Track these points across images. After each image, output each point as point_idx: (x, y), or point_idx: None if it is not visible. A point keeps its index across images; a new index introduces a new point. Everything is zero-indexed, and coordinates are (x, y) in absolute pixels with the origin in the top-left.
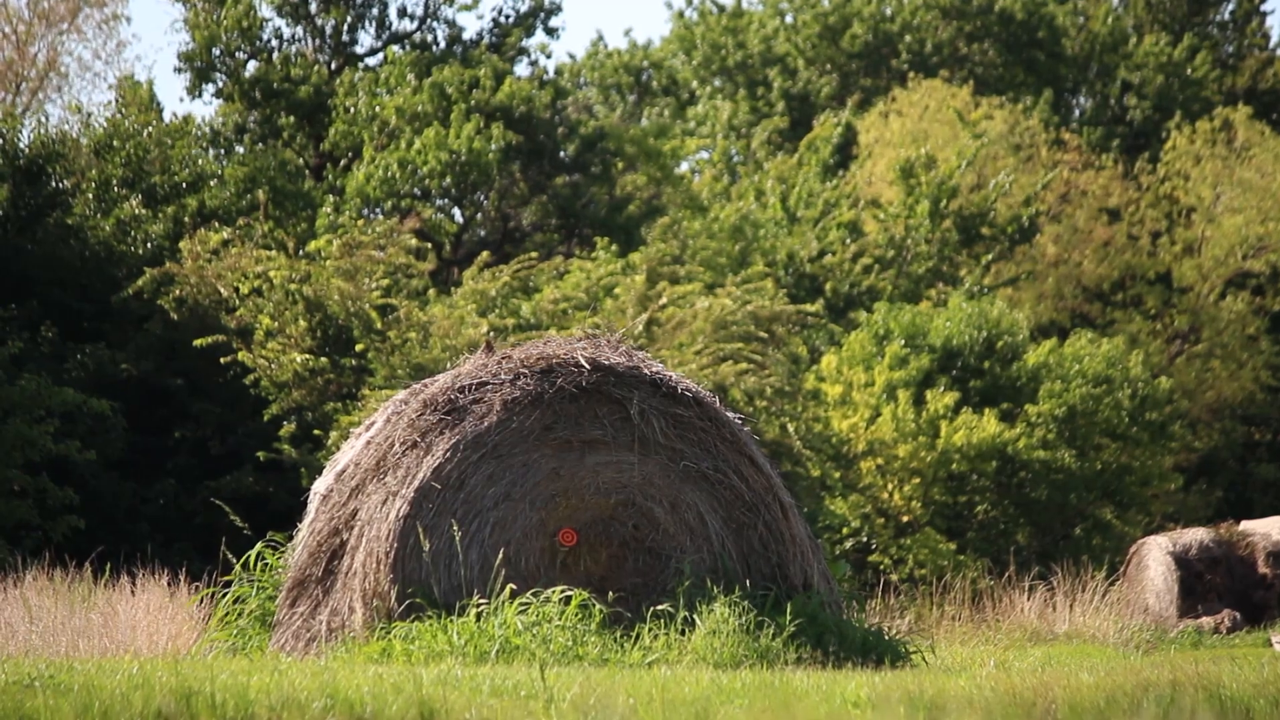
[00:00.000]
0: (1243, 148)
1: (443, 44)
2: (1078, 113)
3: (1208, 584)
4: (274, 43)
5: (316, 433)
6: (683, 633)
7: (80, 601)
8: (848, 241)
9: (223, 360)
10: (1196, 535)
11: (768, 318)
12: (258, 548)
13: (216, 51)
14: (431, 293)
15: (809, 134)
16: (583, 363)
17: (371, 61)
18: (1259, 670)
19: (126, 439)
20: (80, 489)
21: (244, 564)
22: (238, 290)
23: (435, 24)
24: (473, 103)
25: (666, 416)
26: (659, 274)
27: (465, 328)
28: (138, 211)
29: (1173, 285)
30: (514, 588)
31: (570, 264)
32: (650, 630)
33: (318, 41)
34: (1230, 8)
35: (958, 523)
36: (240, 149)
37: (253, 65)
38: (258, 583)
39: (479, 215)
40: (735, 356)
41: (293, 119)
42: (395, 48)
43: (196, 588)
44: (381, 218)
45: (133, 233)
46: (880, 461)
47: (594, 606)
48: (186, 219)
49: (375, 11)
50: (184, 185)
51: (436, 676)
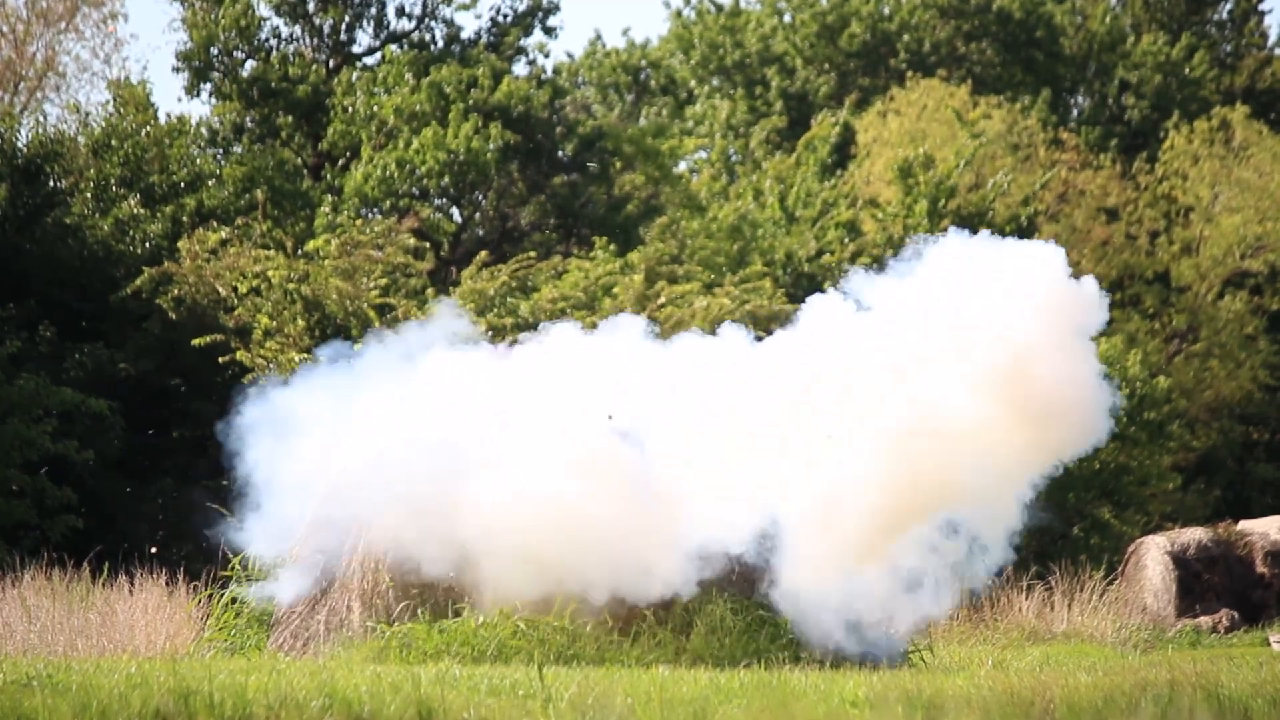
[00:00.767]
0: (1241, 147)
1: (441, 43)
2: (1076, 112)
3: (1206, 583)
4: (272, 42)
5: None
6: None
7: (78, 601)
8: (846, 241)
9: (221, 360)
10: (1194, 535)
11: (766, 317)
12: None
13: (214, 51)
14: (430, 292)
15: (807, 133)
16: None
17: (369, 61)
18: (1257, 670)
19: (125, 439)
20: (78, 489)
21: (242, 563)
22: (236, 290)
23: (433, 23)
24: (471, 102)
25: None
26: (657, 273)
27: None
28: (136, 211)
29: (1171, 285)
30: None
31: (568, 263)
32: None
33: (316, 41)
34: (1228, 7)
35: None
36: (238, 148)
37: (251, 65)
38: (256, 582)
39: (477, 215)
40: None
41: (291, 118)
42: (393, 47)
43: (195, 587)
44: (380, 217)
45: (131, 232)
46: None
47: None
48: (185, 218)
49: (373, 11)
50: (182, 185)
51: (434, 676)
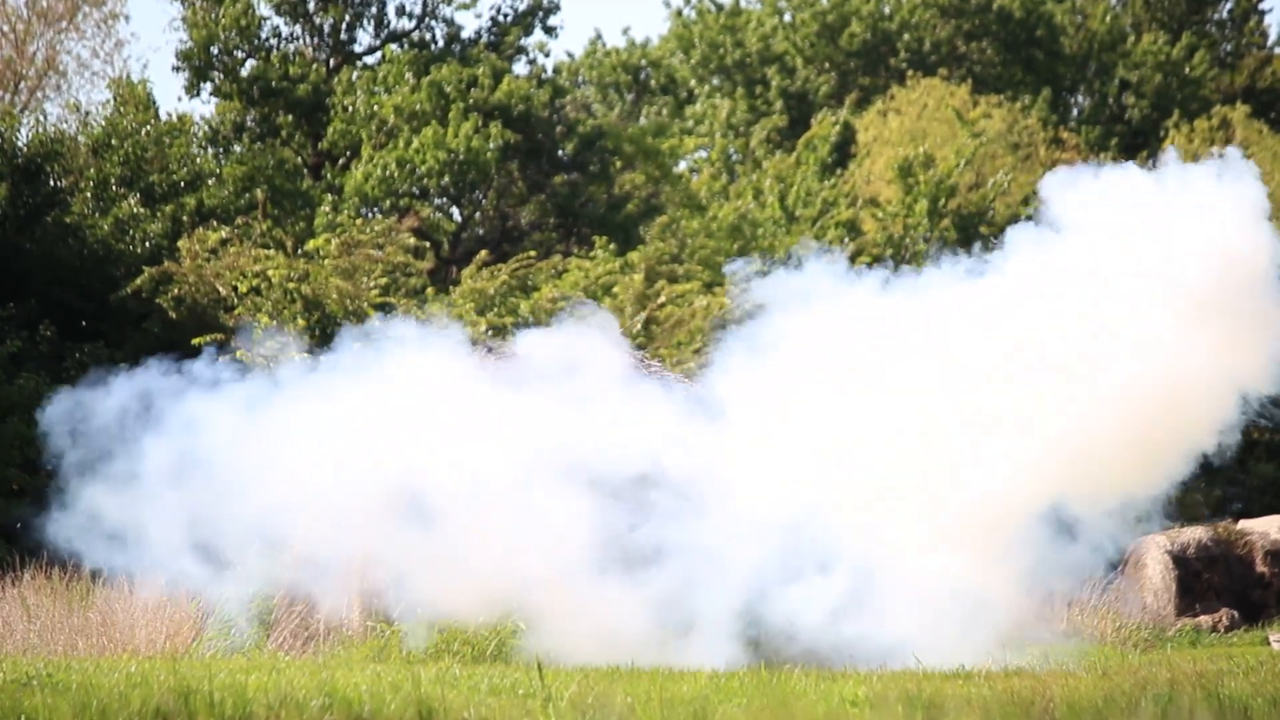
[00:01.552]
0: (1241, 146)
1: (441, 43)
2: (1076, 111)
3: (1206, 583)
4: (272, 41)
5: None
6: None
7: (78, 600)
8: (846, 240)
9: (221, 359)
10: (1195, 534)
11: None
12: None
13: (215, 50)
14: (430, 291)
15: (807, 133)
16: None
17: (370, 60)
18: (1257, 669)
19: None
20: None
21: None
22: (236, 289)
23: (433, 23)
24: (471, 101)
25: None
26: (657, 273)
27: (464, 326)
28: (136, 210)
29: None
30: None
31: (569, 263)
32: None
33: (316, 40)
34: (1229, 6)
35: None
36: (238, 148)
37: (251, 64)
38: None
39: (477, 214)
40: None
41: (291, 118)
42: (393, 46)
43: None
44: (380, 216)
45: (131, 232)
46: None
47: None
48: (185, 218)
49: (374, 10)
50: (182, 184)
51: (435, 675)
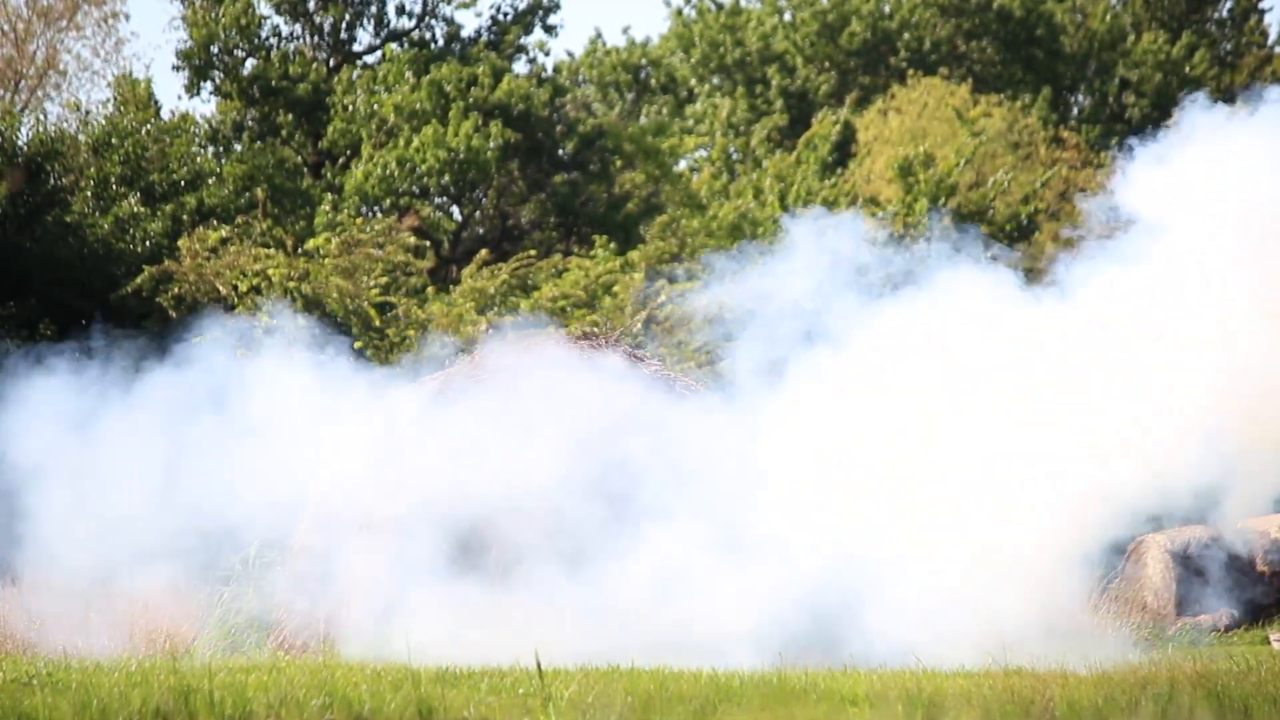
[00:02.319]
0: None
1: (441, 42)
2: (1076, 110)
3: (1206, 582)
4: (272, 40)
5: None
6: None
7: (78, 599)
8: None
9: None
10: (1195, 533)
11: None
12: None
13: (215, 49)
14: (430, 291)
15: (807, 132)
16: None
17: (370, 59)
18: (1257, 668)
19: None
20: None
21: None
22: (236, 288)
23: (433, 22)
24: (471, 100)
25: None
26: (658, 272)
27: (464, 326)
28: (136, 209)
29: None
30: None
31: (569, 262)
32: None
33: (316, 39)
34: (1229, 5)
35: None
36: (239, 147)
37: (251, 63)
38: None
39: (477, 213)
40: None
41: (291, 117)
42: (393, 45)
43: (195, 586)
44: (380, 216)
45: (131, 231)
46: None
47: None
48: (185, 217)
49: (373, 9)
50: (182, 183)
51: (435, 674)
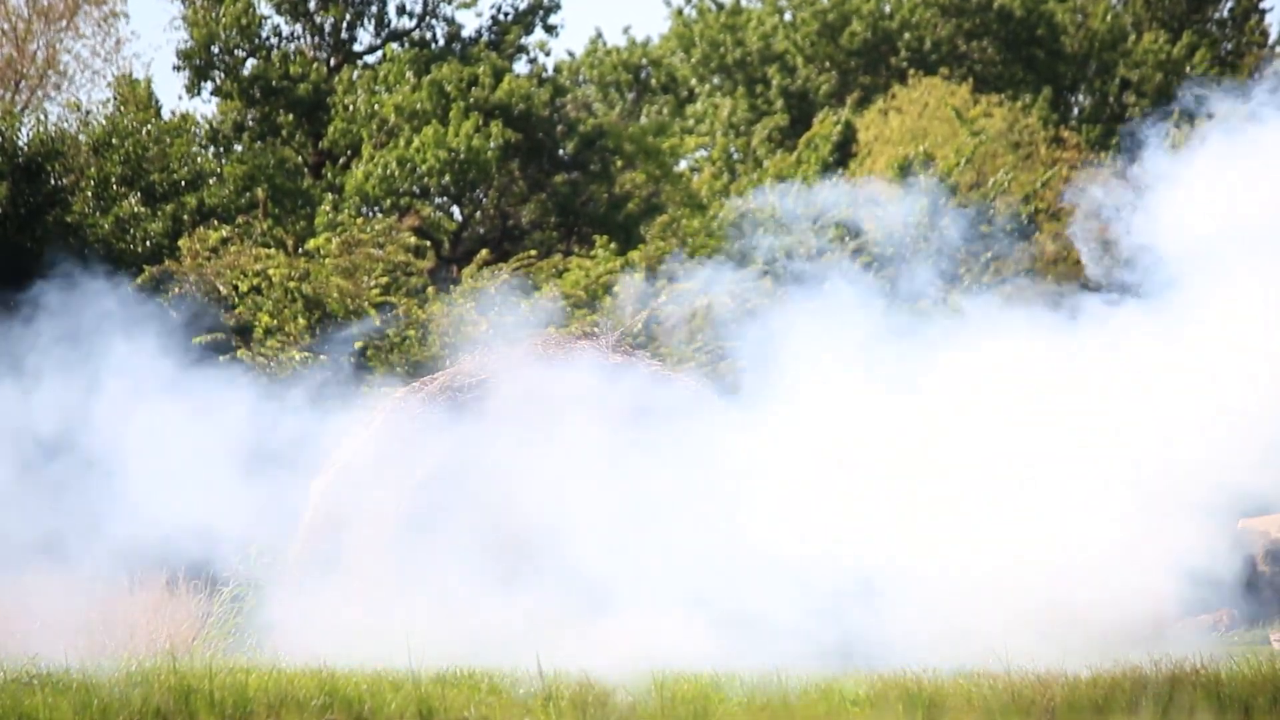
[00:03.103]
0: None
1: (441, 41)
2: (1077, 110)
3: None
4: (273, 40)
5: None
6: None
7: (79, 599)
8: (847, 239)
9: (221, 359)
10: None
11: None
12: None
13: (215, 49)
14: (430, 291)
15: (808, 132)
16: None
17: (370, 59)
18: (1257, 668)
19: None
20: None
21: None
22: (236, 288)
23: (434, 21)
24: (471, 100)
25: None
26: (658, 272)
27: (464, 325)
28: (137, 209)
29: None
30: None
31: (569, 262)
32: None
33: (316, 39)
34: (1229, 5)
35: None
36: (239, 147)
37: (251, 63)
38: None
39: (478, 213)
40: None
41: (292, 117)
42: (394, 45)
43: (196, 585)
44: (380, 216)
45: (132, 231)
46: None
47: None
48: (185, 217)
49: (374, 9)
50: (183, 183)
51: (435, 674)
